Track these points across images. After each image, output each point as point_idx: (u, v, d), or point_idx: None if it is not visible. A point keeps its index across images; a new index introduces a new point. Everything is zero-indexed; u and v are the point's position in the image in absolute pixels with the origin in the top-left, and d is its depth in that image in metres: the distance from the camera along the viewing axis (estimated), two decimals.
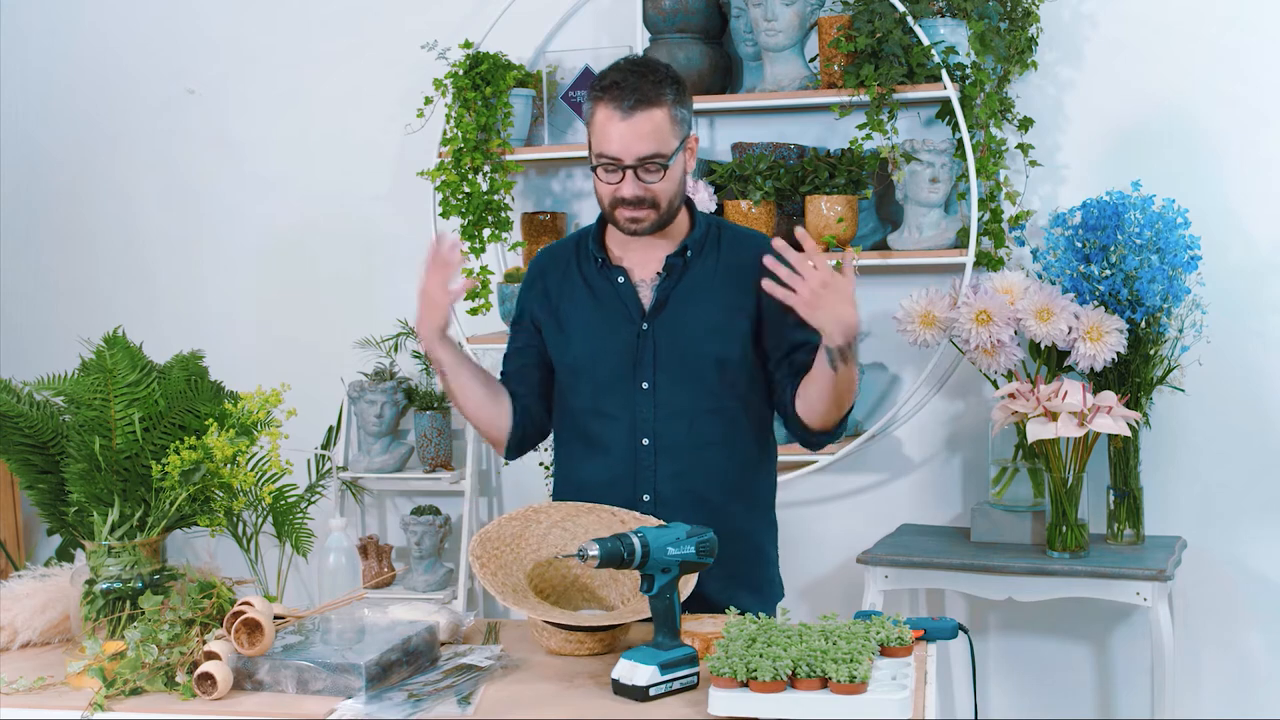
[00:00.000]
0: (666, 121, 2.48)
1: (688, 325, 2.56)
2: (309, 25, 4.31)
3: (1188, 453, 3.66)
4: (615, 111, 2.46)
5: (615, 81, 2.48)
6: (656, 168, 2.47)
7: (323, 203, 4.33)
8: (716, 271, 2.58)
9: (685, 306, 2.56)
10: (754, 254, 2.53)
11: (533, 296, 2.69)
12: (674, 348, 2.56)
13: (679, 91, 2.52)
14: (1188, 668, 3.66)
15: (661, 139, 2.47)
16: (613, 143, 2.47)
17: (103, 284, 4.54)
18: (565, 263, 2.67)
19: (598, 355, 2.59)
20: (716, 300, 2.56)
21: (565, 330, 2.63)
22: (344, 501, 4.27)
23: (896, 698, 1.97)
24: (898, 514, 3.86)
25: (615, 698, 2.10)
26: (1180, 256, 3.39)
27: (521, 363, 2.70)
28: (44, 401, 2.41)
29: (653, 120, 2.46)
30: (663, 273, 2.58)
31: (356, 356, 4.15)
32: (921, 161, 3.58)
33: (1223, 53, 3.59)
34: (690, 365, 2.56)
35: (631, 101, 2.45)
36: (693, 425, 2.56)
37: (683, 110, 2.52)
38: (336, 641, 2.21)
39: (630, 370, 2.57)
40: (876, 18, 3.54)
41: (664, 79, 2.50)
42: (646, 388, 2.57)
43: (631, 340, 2.57)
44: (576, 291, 2.63)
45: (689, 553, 2.18)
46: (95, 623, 2.30)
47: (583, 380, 2.62)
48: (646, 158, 2.47)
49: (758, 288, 2.45)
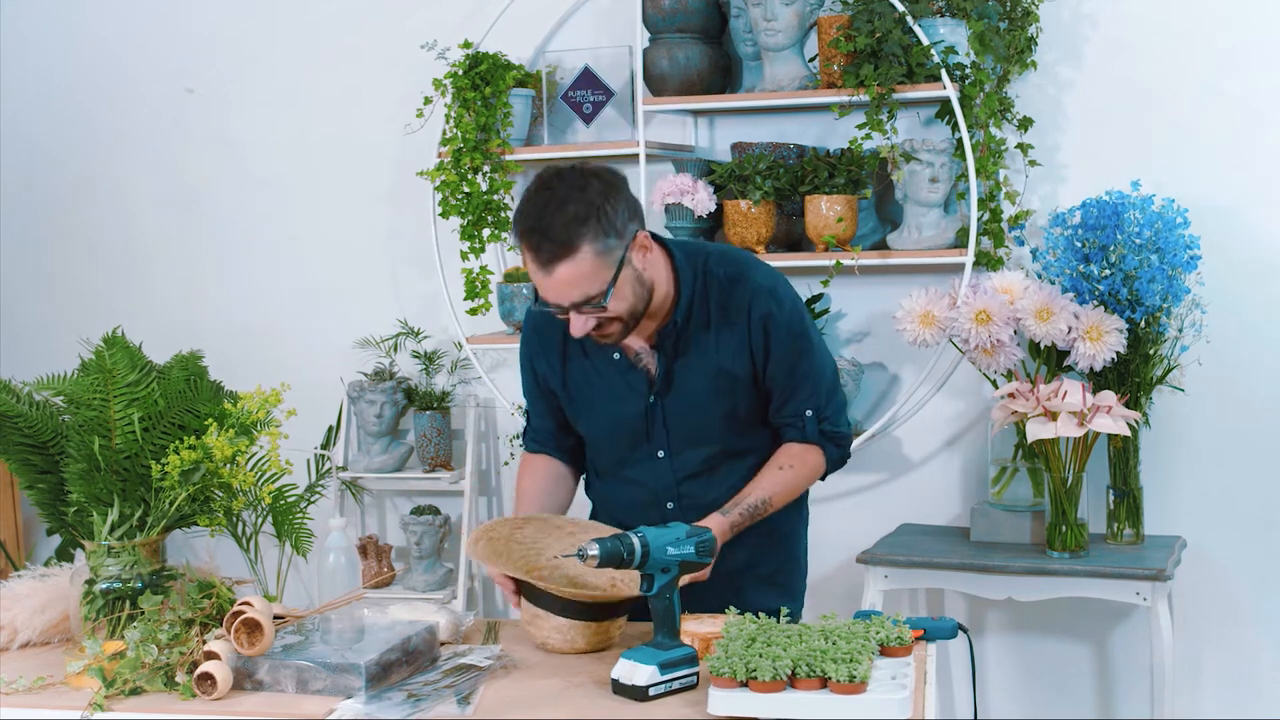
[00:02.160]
0: (590, 264, 2.32)
1: (694, 393, 2.54)
2: (309, 25, 4.31)
3: (1187, 452, 3.66)
4: (535, 263, 2.35)
5: (530, 227, 2.34)
6: (595, 306, 2.38)
7: (322, 202, 4.33)
8: (709, 327, 2.53)
9: (688, 374, 2.54)
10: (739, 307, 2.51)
11: (537, 357, 2.65)
12: (683, 416, 2.56)
13: (601, 210, 2.32)
14: (1187, 668, 3.66)
15: (588, 283, 2.34)
16: (544, 290, 2.37)
17: (103, 284, 4.54)
18: (562, 335, 2.59)
19: (611, 429, 2.61)
20: (715, 358, 2.53)
21: (575, 401, 2.63)
22: (344, 501, 4.27)
23: (896, 698, 1.97)
24: (898, 514, 3.86)
25: (615, 697, 2.10)
26: (1180, 256, 3.39)
27: (545, 406, 2.68)
28: (44, 401, 2.41)
29: (574, 269, 2.32)
30: (657, 347, 2.54)
31: (356, 356, 4.15)
32: (921, 161, 3.58)
33: (1222, 52, 3.59)
34: (700, 430, 2.56)
35: (546, 256, 2.32)
36: (711, 481, 2.59)
37: (609, 239, 2.33)
38: (336, 641, 2.21)
39: (644, 441, 2.59)
40: (876, 17, 3.54)
41: (577, 207, 2.32)
42: (662, 456, 2.58)
43: (641, 413, 2.57)
44: (575, 358, 2.60)
45: (688, 552, 2.18)
46: (95, 623, 2.30)
47: (603, 451, 2.66)
48: (580, 302, 2.37)
49: (749, 342, 2.50)
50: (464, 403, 4.15)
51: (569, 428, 2.69)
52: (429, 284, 4.14)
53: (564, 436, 2.70)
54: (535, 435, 2.73)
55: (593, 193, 2.34)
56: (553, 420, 2.70)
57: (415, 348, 4.14)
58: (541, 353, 2.64)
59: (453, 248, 3.98)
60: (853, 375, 3.76)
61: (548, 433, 2.71)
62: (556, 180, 2.36)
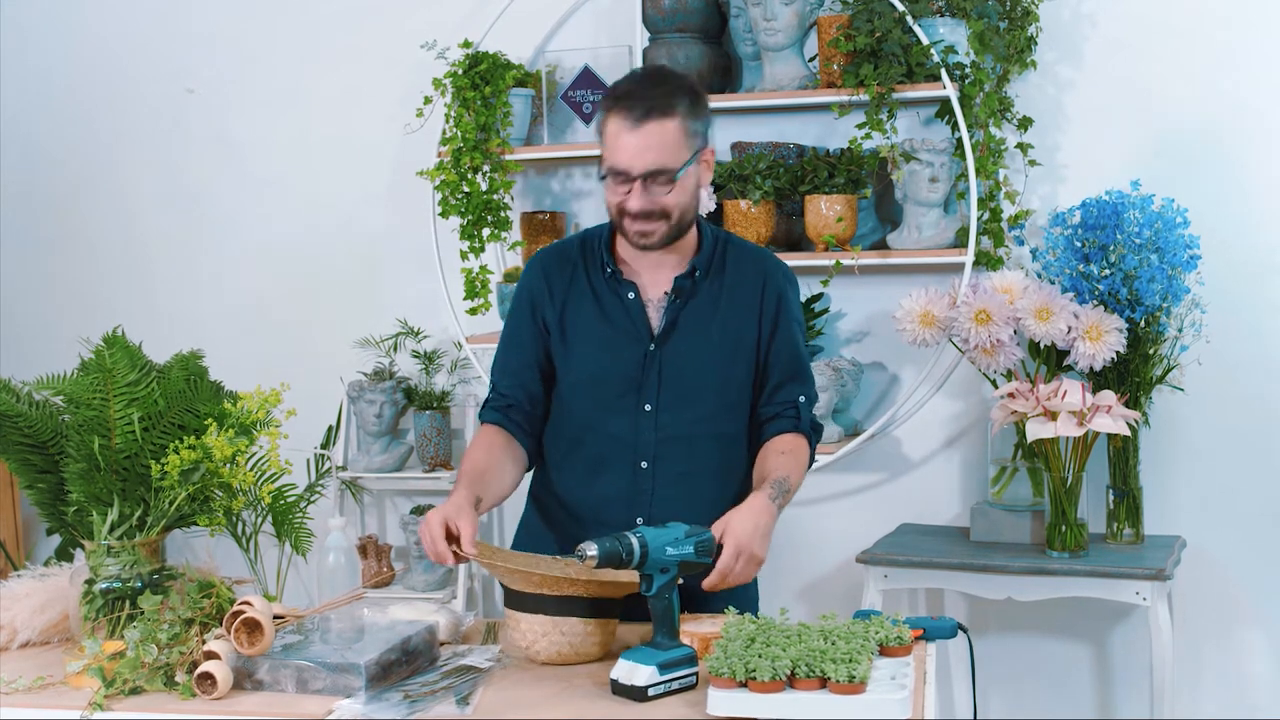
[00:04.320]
0: (677, 133, 2.41)
1: (695, 350, 2.53)
2: (309, 25, 4.31)
3: (1187, 452, 3.66)
4: (625, 122, 2.40)
5: (627, 91, 2.44)
6: (665, 180, 2.42)
7: (322, 202, 4.33)
8: (722, 292, 2.55)
9: (693, 330, 2.53)
10: (757, 272, 2.56)
11: (540, 293, 2.59)
12: (679, 372, 2.53)
13: (694, 103, 2.45)
14: (1187, 668, 3.66)
15: (670, 151, 2.41)
16: (621, 154, 2.42)
17: (103, 284, 4.54)
18: (572, 266, 2.59)
19: (602, 373, 2.54)
20: (722, 323, 2.54)
21: (569, 341, 2.57)
22: (343, 501, 4.27)
23: (896, 697, 1.97)
24: (897, 514, 3.86)
25: (614, 698, 2.10)
26: (1179, 256, 3.39)
27: (522, 361, 2.59)
28: (44, 401, 2.41)
29: (663, 131, 2.40)
30: (671, 294, 2.54)
31: (356, 356, 4.15)
32: (921, 161, 3.58)
33: (1222, 52, 3.59)
34: (693, 389, 2.53)
35: (641, 112, 2.39)
36: (691, 451, 2.54)
37: (697, 123, 2.45)
38: (336, 641, 2.21)
39: (635, 391, 2.53)
40: (876, 17, 3.54)
41: (677, 89, 2.44)
42: (649, 410, 2.53)
43: (638, 361, 2.53)
44: (583, 300, 2.57)
45: (688, 552, 2.18)
46: (95, 622, 2.30)
47: (584, 396, 2.57)
48: (654, 170, 2.41)
49: (760, 308, 2.51)
50: (464, 402, 4.15)
51: (539, 398, 2.59)
52: (429, 284, 4.13)
53: (532, 406, 2.58)
54: (498, 403, 2.59)
55: (690, 85, 2.49)
56: (526, 381, 2.58)
57: (415, 347, 4.14)
58: (547, 295, 2.58)
59: (452, 247, 3.98)
60: (853, 375, 3.76)
61: (523, 394, 2.58)
62: (659, 69, 2.58)
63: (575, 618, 2.25)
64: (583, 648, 2.27)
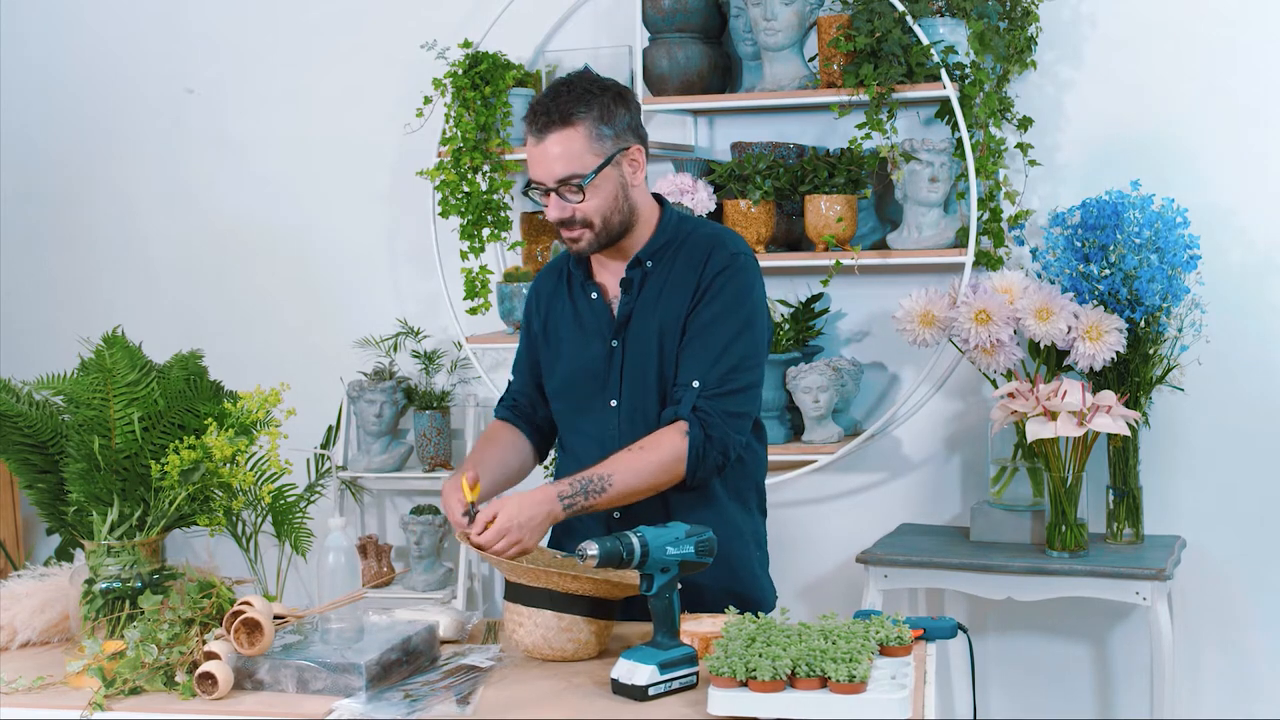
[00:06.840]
0: (582, 140, 2.41)
1: (646, 340, 2.52)
2: (309, 25, 4.31)
3: (1187, 452, 3.66)
4: (531, 135, 2.44)
5: (534, 104, 2.45)
6: (575, 188, 2.42)
7: (322, 202, 4.33)
8: (670, 278, 2.53)
9: (646, 319, 2.52)
10: (702, 251, 2.51)
11: (532, 305, 2.70)
12: (637, 362, 2.53)
13: (606, 105, 2.43)
14: (1187, 668, 3.66)
15: (576, 159, 2.41)
16: (533, 166, 2.45)
17: (103, 284, 4.54)
18: (558, 275, 2.66)
19: (574, 375, 2.59)
20: (665, 307, 2.52)
21: (551, 348, 2.63)
22: (343, 501, 4.27)
23: (896, 697, 1.97)
24: (897, 514, 3.86)
25: (614, 697, 2.10)
26: (1179, 256, 3.39)
27: (527, 379, 2.71)
28: (44, 401, 2.41)
29: (566, 140, 2.41)
30: (622, 288, 2.55)
31: (356, 356, 4.15)
32: (921, 161, 3.58)
33: (1222, 52, 3.59)
34: (650, 379, 2.52)
35: (542, 123, 2.41)
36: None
37: (607, 126, 2.43)
38: (336, 641, 2.21)
39: (601, 388, 2.56)
40: (876, 17, 3.54)
41: (583, 96, 2.42)
42: (614, 405, 2.55)
43: (603, 357, 2.55)
44: (564, 307, 2.62)
45: (688, 552, 2.18)
46: (95, 622, 2.30)
47: (563, 400, 2.62)
48: (563, 179, 2.42)
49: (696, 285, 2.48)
50: (464, 402, 4.15)
51: (539, 403, 2.70)
52: (429, 284, 4.14)
53: (541, 405, 2.69)
54: (509, 400, 2.73)
55: (600, 89, 2.46)
56: (528, 387, 2.71)
57: (415, 347, 4.14)
58: (535, 306, 2.67)
59: (452, 247, 3.98)
60: (853, 375, 3.77)
61: (525, 397, 2.70)
62: (575, 76, 2.51)
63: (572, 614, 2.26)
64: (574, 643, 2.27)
